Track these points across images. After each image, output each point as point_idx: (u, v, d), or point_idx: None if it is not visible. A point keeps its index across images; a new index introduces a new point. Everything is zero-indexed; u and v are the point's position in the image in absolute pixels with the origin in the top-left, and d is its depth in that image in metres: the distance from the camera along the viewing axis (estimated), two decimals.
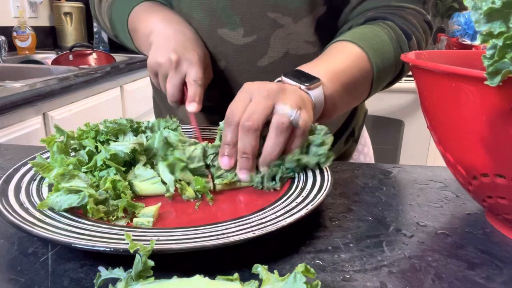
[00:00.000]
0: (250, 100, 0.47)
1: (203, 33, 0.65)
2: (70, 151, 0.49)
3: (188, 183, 0.45)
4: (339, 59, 0.57)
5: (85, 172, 0.44)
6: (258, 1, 0.61)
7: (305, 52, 0.65)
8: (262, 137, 0.47)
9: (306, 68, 0.54)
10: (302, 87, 0.51)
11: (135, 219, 0.39)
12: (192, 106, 0.58)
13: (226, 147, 0.47)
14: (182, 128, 0.59)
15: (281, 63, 0.65)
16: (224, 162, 0.47)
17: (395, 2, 0.63)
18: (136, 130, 0.53)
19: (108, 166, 0.44)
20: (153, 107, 0.87)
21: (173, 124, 0.55)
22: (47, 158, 0.48)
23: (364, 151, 0.84)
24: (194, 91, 0.58)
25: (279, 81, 0.52)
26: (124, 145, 0.46)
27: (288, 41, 0.64)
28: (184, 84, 0.60)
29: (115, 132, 0.50)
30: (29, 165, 0.46)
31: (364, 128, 0.87)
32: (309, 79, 0.52)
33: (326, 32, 0.66)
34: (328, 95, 0.53)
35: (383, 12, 0.62)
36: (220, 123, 0.51)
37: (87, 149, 0.47)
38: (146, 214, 0.39)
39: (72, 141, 0.49)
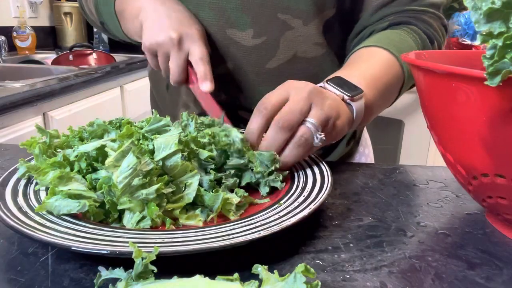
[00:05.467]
0: (286, 97, 0.47)
1: (210, 33, 0.64)
2: (56, 151, 0.48)
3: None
4: (374, 65, 0.56)
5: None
6: (269, 3, 0.61)
7: (314, 55, 0.65)
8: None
9: (343, 74, 0.53)
10: (346, 97, 0.50)
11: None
12: (206, 85, 0.56)
13: (250, 134, 0.47)
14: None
15: (289, 65, 0.64)
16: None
17: (415, 6, 0.63)
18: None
19: (94, 169, 0.43)
20: (151, 108, 0.86)
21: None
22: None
23: (365, 152, 0.83)
24: (203, 69, 0.56)
25: (321, 87, 0.51)
26: (89, 146, 0.44)
27: (297, 43, 0.63)
28: (188, 62, 0.58)
29: (100, 133, 0.49)
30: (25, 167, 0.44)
31: (365, 129, 0.86)
32: (352, 89, 0.51)
33: (334, 35, 0.66)
34: (366, 103, 0.53)
35: (406, 17, 0.62)
36: None
37: (74, 147, 0.46)
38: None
39: (56, 140, 0.48)
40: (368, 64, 0.57)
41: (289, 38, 0.63)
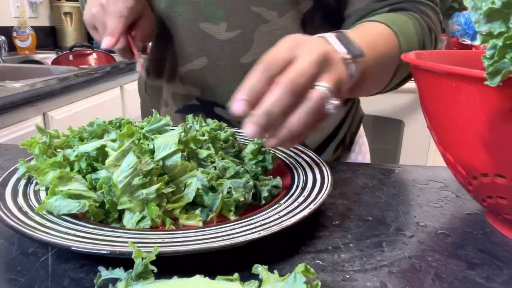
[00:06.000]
0: (294, 56, 0.41)
1: (185, 28, 0.64)
2: (56, 151, 0.48)
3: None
4: (372, 34, 0.54)
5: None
6: None
7: None
8: None
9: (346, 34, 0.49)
10: (348, 57, 0.46)
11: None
12: (105, 40, 0.54)
13: (249, 91, 0.39)
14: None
15: None
16: (237, 106, 0.39)
17: None
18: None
19: (94, 169, 0.42)
20: (141, 112, 0.86)
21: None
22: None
23: (358, 159, 0.79)
24: (110, 24, 0.54)
25: (322, 37, 0.47)
26: (89, 146, 0.44)
27: (274, 37, 0.62)
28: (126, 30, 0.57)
29: (100, 133, 0.48)
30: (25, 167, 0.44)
31: (362, 134, 0.82)
32: (355, 49, 0.47)
33: (314, 29, 0.64)
34: (361, 68, 0.49)
35: (406, 5, 0.62)
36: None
37: (74, 147, 0.46)
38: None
39: (56, 140, 0.48)
40: (368, 32, 0.55)
41: (264, 32, 0.62)
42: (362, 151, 0.81)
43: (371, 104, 1.91)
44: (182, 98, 0.70)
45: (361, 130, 0.82)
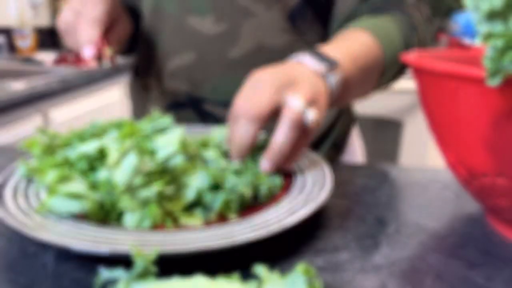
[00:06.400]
0: (252, 96, 0.44)
1: (172, 23, 0.65)
2: (56, 151, 0.47)
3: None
4: (354, 44, 0.55)
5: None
6: None
7: (281, 43, 0.63)
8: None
9: (322, 49, 0.51)
10: (323, 70, 0.48)
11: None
12: (87, 51, 0.54)
13: (231, 145, 0.45)
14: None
15: (254, 55, 0.63)
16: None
17: None
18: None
19: (95, 169, 0.42)
20: (132, 114, 0.86)
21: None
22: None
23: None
24: (90, 33, 0.54)
25: (296, 60, 0.49)
26: (89, 146, 0.44)
27: (261, 31, 0.63)
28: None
29: (100, 133, 0.48)
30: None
31: (357, 137, 0.81)
32: (330, 62, 0.48)
33: (307, 25, 0.65)
34: (344, 76, 0.50)
35: (389, 6, 0.61)
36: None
37: (74, 147, 0.46)
38: None
39: (56, 140, 0.48)
40: (349, 42, 0.55)
41: (252, 26, 0.62)
42: (356, 153, 0.80)
43: (370, 105, 1.91)
44: (169, 95, 0.70)
45: (356, 133, 0.82)
